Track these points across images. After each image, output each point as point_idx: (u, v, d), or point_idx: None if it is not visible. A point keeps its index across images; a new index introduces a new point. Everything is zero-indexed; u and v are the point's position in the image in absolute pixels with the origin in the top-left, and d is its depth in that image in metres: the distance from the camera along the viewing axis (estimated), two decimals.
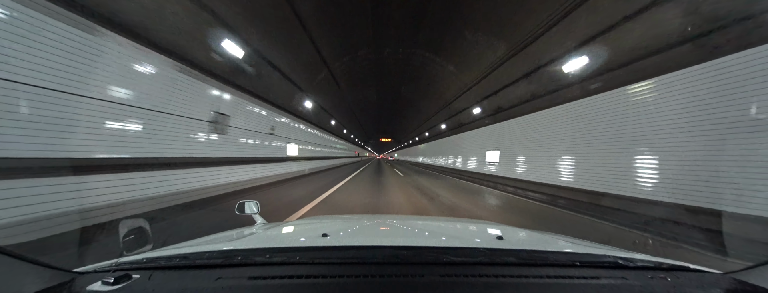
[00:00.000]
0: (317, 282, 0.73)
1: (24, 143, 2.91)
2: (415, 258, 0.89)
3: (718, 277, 0.83)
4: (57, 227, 3.09)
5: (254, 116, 8.02)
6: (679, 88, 4.33)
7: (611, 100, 5.60)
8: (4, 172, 2.74)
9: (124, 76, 4.01)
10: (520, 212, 5.83)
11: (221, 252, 0.90)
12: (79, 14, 3.37)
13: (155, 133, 4.56)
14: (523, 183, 8.61)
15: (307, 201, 5.98)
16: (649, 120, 4.79)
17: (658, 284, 0.78)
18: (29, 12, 2.93)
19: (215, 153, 6.17)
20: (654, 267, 0.89)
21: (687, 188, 4.08)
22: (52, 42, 3.12)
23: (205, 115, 5.80)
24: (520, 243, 1.25)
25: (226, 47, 5.93)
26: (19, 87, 2.86)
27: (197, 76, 5.55)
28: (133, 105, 4.13)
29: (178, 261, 0.85)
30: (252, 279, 0.75)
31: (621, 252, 0.97)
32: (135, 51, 4.15)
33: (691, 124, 4.13)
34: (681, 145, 4.25)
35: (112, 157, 3.86)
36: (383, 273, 0.79)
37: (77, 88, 3.36)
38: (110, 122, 3.82)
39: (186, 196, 5.09)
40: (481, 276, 0.78)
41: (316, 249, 0.98)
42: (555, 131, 7.28)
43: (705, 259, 3.15)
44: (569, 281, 0.78)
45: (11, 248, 0.68)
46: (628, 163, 5.13)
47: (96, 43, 3.57)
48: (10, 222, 2.74)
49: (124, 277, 0.73)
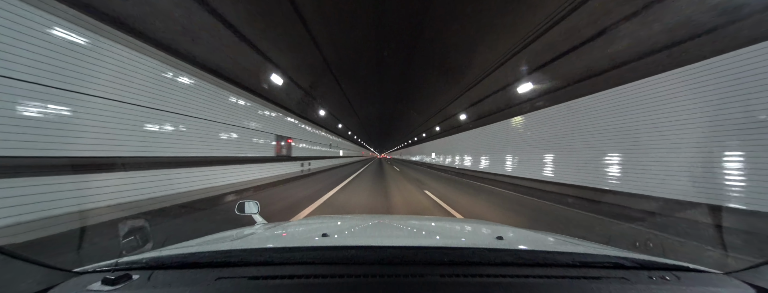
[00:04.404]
0: (317, 282, 0.73)
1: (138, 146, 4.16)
2: (415, 258, 0.89)
3: (719, 277, 0.83)
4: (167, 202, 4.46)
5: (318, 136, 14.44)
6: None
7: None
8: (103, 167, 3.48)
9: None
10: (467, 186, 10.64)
11: (221, 252, 0.90)
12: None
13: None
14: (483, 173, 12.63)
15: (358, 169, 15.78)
16: (558, 128, 7.53)
17: (658, 284, 0.78)
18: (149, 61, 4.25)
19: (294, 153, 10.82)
20: (654, 267, 0.89)
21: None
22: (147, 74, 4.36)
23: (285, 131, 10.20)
24: (520, 243, 1.25)
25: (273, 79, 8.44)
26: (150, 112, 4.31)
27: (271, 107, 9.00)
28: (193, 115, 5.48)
29: (178, 261, 0.85)
30: (252, 279, 0.75)
31: (621, 252, 0.97)
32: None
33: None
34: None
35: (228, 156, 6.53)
36: (383, 273, 0.79)
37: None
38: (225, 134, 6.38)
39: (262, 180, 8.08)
40: (481, 276, 0.78)
41: (316, 249, 0.98)
42: (503, 137, 10.79)
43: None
44: (569, 281, 0.78)
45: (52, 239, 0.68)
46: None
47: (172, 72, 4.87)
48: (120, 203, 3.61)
49: (124, 277, 0.73)
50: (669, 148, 4.54)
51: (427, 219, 2.16)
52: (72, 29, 3.27)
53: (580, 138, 6.61)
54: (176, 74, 4.87)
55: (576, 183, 6.63)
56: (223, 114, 6.26)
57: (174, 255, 0.88)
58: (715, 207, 3.81)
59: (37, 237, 2.83)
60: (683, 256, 3.28)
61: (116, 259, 0.86)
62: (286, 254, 0.91)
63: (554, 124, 7.61)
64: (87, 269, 0.81)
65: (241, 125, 7.02)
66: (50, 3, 3.06)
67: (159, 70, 4.53)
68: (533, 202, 6.77)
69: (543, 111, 8.08)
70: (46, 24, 3.03)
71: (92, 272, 0.79)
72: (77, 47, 3.34)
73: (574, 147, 6.81)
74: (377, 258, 0.87)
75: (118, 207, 3.70)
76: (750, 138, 3.56)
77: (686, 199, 4.20)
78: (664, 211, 4.44)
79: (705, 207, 3.91)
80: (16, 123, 2.80)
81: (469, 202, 6.53)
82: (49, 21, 3.06)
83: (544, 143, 8.06)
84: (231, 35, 5.64)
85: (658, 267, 0.89)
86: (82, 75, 3.37)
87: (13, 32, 2.76)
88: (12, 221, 2.69)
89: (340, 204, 5.75)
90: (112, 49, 3.74)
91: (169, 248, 1.01)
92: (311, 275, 0.77)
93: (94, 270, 0.80)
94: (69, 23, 3.24)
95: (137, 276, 0.75)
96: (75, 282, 0.73)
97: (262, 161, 8.21)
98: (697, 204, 4.04)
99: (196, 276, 0.77)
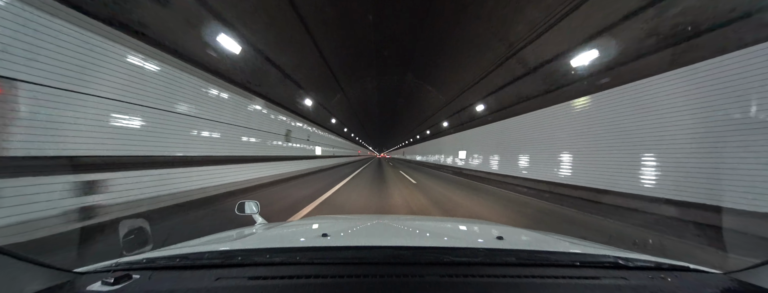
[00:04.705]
0: (317, 282, 0.73)
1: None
2: (416, 258, 0.88)
3: (719, 277, 0.83)
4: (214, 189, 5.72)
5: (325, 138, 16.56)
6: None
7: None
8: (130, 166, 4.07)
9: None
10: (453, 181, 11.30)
11: (221, 252, 0.90)
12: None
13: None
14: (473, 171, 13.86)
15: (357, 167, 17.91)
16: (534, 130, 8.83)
17: (658, 284, 0.78)
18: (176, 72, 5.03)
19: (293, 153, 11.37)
20: (654, 267, 0.89)
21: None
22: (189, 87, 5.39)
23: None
24: (520, 243, 1.25)
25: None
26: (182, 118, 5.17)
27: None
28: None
29: (178, 261, 0.85)
30: (252, 279, 0.75)
31: (621, 252, 0.97)
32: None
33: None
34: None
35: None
36: (383, 273, 0.78)
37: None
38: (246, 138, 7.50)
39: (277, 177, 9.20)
40: (481, 276, 0.78)
41: (317, 250, 0.98)
42: (486, 141, 12.38)
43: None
44: (569, 281, 0.78)
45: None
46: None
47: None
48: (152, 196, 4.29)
49: (124, 277, 0.73)
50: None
51: (427, 219, 2.16)
52: (200, 84, 5.60)
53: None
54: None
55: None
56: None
57: (174, 256, 0.87)
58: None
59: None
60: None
61: (116, 259, 0.86)
62: (287, 254, 0.91)
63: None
64: (87, 269, 0.81)
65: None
66: (194, 71, 5.29)
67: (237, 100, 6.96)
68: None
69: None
70: (193, 80, 5.35)
71: (92, 272, 0.79)
72: (206, 91, 5.75)
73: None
74: (377, 259, 0.87)
75: (202, 190, 5.45)
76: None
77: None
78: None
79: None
80: (136, 133, 4.12)
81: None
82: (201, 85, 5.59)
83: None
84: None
85: (658, 267, 0.89)
86: (204, 107, 5.71)
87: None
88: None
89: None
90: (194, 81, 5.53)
91: (169, 248, 1.00)
92: (311, 275, 0.76)
93: (94, 271, 0.80)
94: (198, 79, 5.54)
95: (137, 276, 0.75)
96: (75, 282, 0.73)
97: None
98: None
99: (196, 276, 0.77)
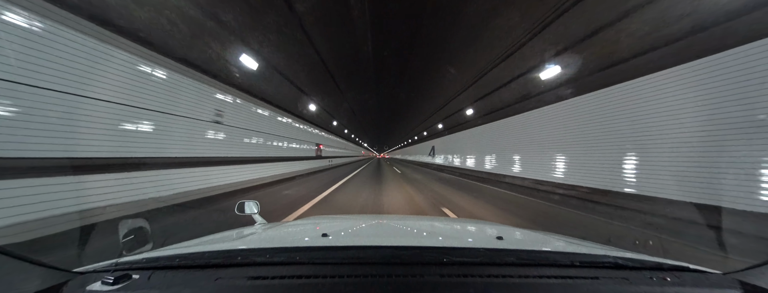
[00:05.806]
0: (317, 282, 0.73)
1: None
2: (415, 258, 0.88)
3: (719, 277, 0.83)
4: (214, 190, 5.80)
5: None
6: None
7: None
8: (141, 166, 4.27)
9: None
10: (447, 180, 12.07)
11: (221, 252, 0.90)
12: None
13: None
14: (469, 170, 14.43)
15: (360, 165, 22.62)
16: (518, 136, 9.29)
17: (658, 284, 0.78)
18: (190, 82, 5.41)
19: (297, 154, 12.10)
20: (654, 267, 0.89)
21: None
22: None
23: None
24: (520, 243, 1.25)
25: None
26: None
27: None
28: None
29: (178, 261, 0.85)
30: (252, 279, 0.75)
31: (621, 252, 0.97)
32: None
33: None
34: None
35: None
36: (383, 273, 0.78)
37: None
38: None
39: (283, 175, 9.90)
40: (481, 276, 0.78)
41: (316, 249, 0.98)
42: (476, 142, 13.07)
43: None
44: (569, 281, 0.78)
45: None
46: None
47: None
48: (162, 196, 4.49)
49: (123, 277, 0.73)
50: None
51: (427, 219, 2.16)
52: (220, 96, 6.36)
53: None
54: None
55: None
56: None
57: (174, 255, 0.87)
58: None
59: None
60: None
61: (116, 259, 0.86)
62: (286, 254, 0.91)
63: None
64: (87, 269, 0.81)
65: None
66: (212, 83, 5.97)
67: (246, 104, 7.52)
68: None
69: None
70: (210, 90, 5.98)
71: (92, 272, 0.79)
72: (232, 102, 6.75)
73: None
74: (377, 258, 0.87)
75: (216, 188, 5.87)
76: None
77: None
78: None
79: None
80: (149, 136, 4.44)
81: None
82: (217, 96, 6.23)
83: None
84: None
85: (658, 268, 0.89)
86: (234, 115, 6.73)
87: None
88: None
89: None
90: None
91: (168, 248, 1.00)
92: (311, 275, 0.76)
93: (93, 270, 0.80)
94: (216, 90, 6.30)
95: (137, 276, 0.75)
96: (75, 282, 0.73)
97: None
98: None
99: (196, 276, 0.77)
